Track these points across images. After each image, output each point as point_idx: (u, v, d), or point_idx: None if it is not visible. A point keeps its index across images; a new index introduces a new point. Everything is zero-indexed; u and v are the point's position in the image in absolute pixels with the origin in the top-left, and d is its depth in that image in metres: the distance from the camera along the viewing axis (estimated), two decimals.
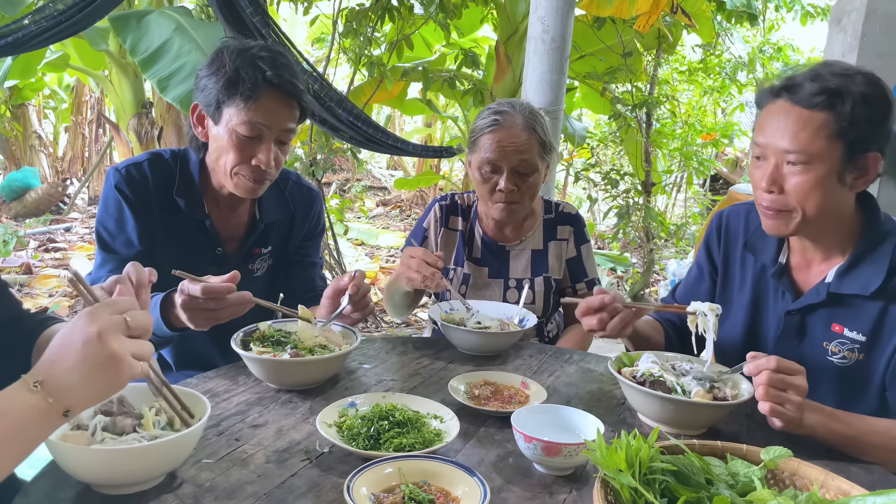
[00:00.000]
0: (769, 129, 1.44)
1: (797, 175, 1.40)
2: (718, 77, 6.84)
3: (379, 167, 12.58)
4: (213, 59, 1.64)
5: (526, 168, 1.99)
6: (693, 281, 1.83)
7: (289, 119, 1.66)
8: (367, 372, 1.61)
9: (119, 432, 1.08)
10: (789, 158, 1.40)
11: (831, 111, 1.36)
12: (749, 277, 1.66)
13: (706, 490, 0.97)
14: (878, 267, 1.44)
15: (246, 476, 1.12)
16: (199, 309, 1.42)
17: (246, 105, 1.58)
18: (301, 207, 1.96)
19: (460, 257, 2.18)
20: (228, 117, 1.61)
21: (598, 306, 1.52)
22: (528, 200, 2.05)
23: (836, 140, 1.37)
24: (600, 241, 8.21)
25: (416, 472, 1.08)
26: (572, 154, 7.18)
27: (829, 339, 1.50)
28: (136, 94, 5.68)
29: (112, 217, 1.71)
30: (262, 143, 1.63)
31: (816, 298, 1.50)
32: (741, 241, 1.69)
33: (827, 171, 1.39)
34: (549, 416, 1.28)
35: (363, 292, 1.67)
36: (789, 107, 1.40)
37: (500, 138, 1.97)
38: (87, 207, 8.94)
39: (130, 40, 4.29)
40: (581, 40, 5.08)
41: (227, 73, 1.58)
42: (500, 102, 2.06)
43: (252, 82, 1.57)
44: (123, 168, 1.72)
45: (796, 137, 1.38)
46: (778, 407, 1.24)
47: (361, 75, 5.19)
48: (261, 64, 1.58)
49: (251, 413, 1.34)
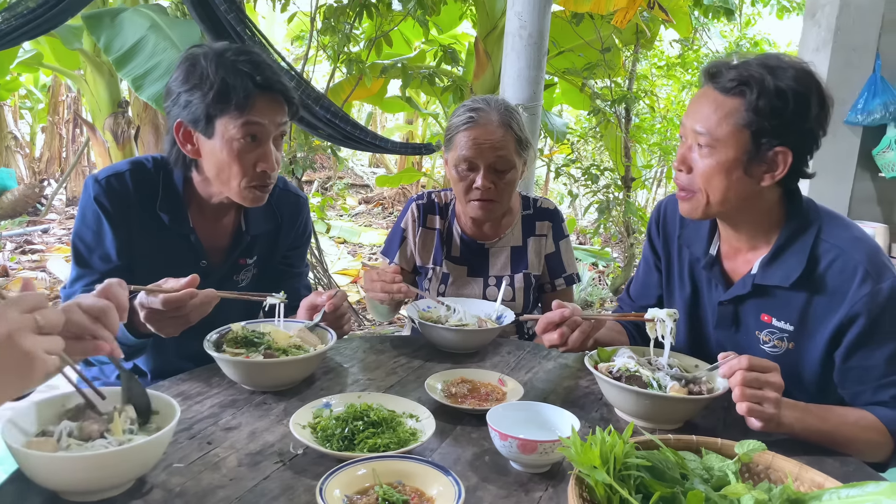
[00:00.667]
0: (690, 111, 1.47)
1: (703, 157, 1.43)
2: (696, 72, 6.88)
3: (361, 165, 12.54)
4: (188, 70, 1.55)
5: (503, 165, 1.97)
6: (643, 275, 1.84)
7: (282, 114, 1.62)
8: (344, 372, 1.60)
9: (85, 438, 1.05)
10: (699, 140, 1.42)
11: (742, 98, 1.37)
12: (686, 268, 1.67)
13: (681, 485, 0.97)
14: (798, 258, 1.43)
15: (217, 480, 1.10)
16: (166, 318, 1.38)
17: (241, 114, 1.53)
18: (287, 215, 1.89)
19: (439, 256, 2.16)
20: (224, 129, 1.54)
21: (558, 321, 1.52)
22: (505, 198, 2.04)
23: (743, 129, 1.37)
24: (582, 237, 8.24)
25: (390, 472, 1.07)
26: (553, 150, 7.19)
27: (759, 329, 1.51)
28: (112, 94, 5.60)
29: (90, 230, 1.63)
30: (261, 146, 1.58)
31: (744, 290, 1.51)
32: (678, 232, 1.69)
33: (731, 158, 1.39)
34: (526, 413, 1.27)
35: (340, 313, 1.65)
36: (709, 91, 1.43)
37: (476, 135, 1.95)
38: (64, 209, 8.83)
39: (104, 38, 4.23)
40: (559, 36, 5.09)
41: (215, 85, 1.51)
42: (476, 99, 2.04)
43: (244, 91, 1.51)
44: (103, 178, 1.64)
45: (707, 120, 1.40)
46: (756, 406, 1.23)
47: (341, 72, 5.16)
48: (245, 69, 1.52)
49: (224, 415, 1.32)
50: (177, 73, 1.58)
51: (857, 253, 1.40)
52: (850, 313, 1.38)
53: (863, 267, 1.38)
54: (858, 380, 1.42)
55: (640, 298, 1.83)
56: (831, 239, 1.43)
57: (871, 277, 1.37)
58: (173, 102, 1.58)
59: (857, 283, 1.38)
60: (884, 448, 1.37)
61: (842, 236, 1.43)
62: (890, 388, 1.39)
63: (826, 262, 1.42)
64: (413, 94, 7.33)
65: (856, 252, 1.40)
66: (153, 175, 1.69)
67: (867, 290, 1.36)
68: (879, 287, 1.36)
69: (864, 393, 1.42)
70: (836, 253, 1.41)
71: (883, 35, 3.57)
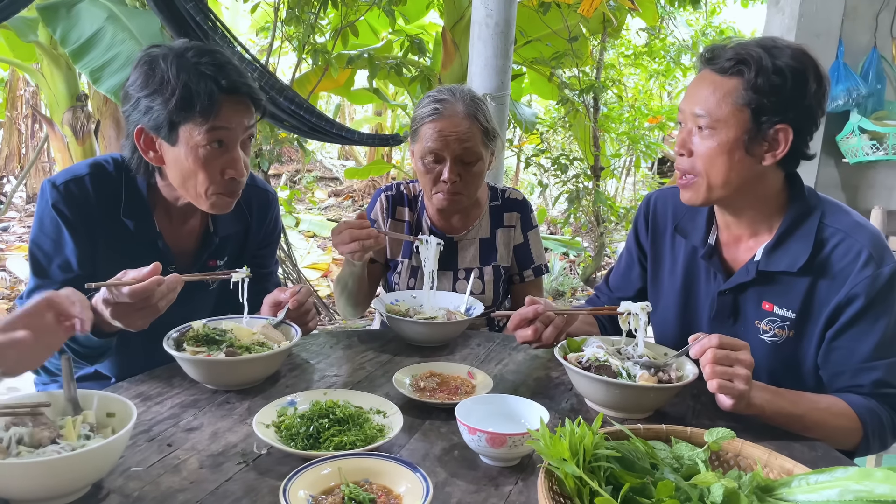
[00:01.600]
0: (688, 95, 1.47)
1: (704, 139, 1.42)
2: (663, 61, 6.93)
3: (330, 157, 12.43)
4: (147, 74, 1.46)
5: (469, 157, 1.94)
6: (625, 266, 1.83)
7: (248, 116, 1.54)
8: (310, 368, 1.56)
9: (35, 445, 1.01)
10: (699, 123, 1.42)
11: (741, 78, 1.37)
12: (680, 260, 1.66)
13: (651, 475, 0.96)
14: (804, 243, 1.44)
15: (177, 483, 1.06)
16: (134, 311, 1.32)
17: (206, 119, 1.45)
18: (257, 213, 1.82)
19: (407, 249, 2.13)
20: (188, 136, 1.46)
21: (531, 317, 1.52)
22: (472, 189, 2.01)
23: (743, 107, 1.38)
24: (552, 227, 8.26)
25: (356, 470, 1.04)
26: (522, 140, 7.19)
27: (760, 318, 1.51)
28: (70, 87, 5.44)
29: (48, 238, 1.54)
30: (228, 152, 1.51)
31: (746, 277, 1.50)
32: (670, 224, 1.68)
33: (732, 138, 1.39)
34: (495, 406, 1.25)
35: (305, 309, 1.61)
36: (707, 73, 1.43)
37: (442, 127, 1.91)
38: (24, 206, 8.61)
39: (60, 30, 4.10)
40: (527, 25, 5.07)
41: (177, 91, 1.42)
42: (441, 90, 2.00)
43: (208, 96, 1.43)
44: (62, 184, 1.54)
45: (706, 101, 1.40)
46: (726, 383, 1.23)
47: (307, 63, 5.09)
48: (207, 72, 1.44)
49: (185, 416, 1.28)
50: (134, 76, 1.49)
51: (860, 236, 1.41)
52: (849, 294, 1.40)
53: (867, 250, 1.39)
54: (842, 361, 1.43)
55: (618, 290, 1.83)
56: (835, 223, 1.45)
57: (873, 261, 1.39)
58: (133, 107, 1.49)
59: (859, 266, 1.39)
60: (853, 435, 1.37)
61: (844, 221, 1.45)
62: (871, 373, 1.40)
63: (830, 246, 1.43)
64: (381, 85, 7.26)
65: (859, 236, 1.42)
66: (115, 178, 1.60)
67: (869, 273, 1.38)
68: (881, 271, 1.38)
69: (843, 375, 1.43)
70: (841, 237, 1.43)
71: (845, 21, 3.61)
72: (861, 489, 0.88)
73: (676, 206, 1.68)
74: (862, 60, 3.64)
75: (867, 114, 3.59)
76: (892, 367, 1.41)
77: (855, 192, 3.86)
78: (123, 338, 1.51)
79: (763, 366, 1.48)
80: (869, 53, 3.63)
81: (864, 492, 0.88)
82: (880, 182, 3.82)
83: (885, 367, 1.40)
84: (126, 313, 1.32)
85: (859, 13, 3.60)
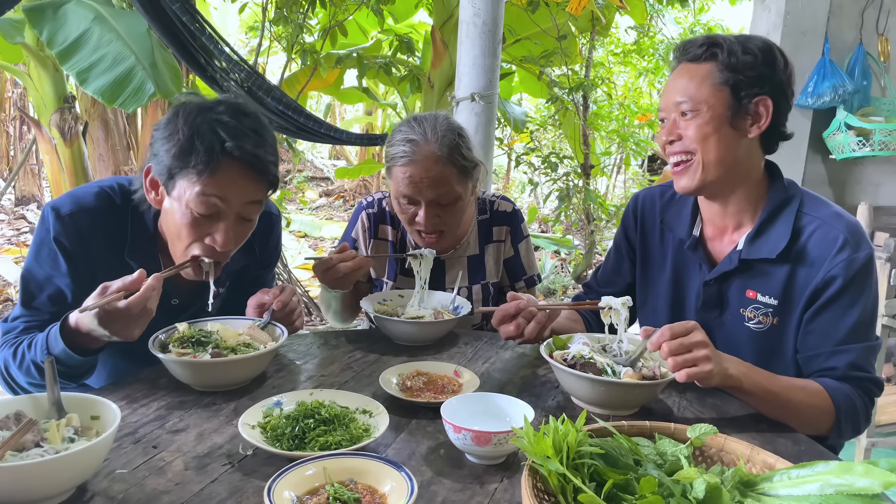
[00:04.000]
0: (666, 91, 1.54)
1: (689, 122, 1.48)
2: (652, 59, 6.94)
3: (321, 157, 12.41)
4: (170, 118, 1.42)
5: (446, 199, 1.83)
6: (613, 263, 1.85)
7: (254, 193, 1.45)
8: (297, 369, 1.56)
9: (19, 448, 1.01)
10: (682, 109, 1.48)
11: (714, 61, 1.46)
12: (669, 254, 1.69)
13: (634, 471, 0.96)
14: (782, 230, 1.48)
15: (162, 485, 1.06)
16: (132, 321, 1.29)
17: (200, 178, 1.37)
18: (260, 237, 1.74)
19: (392, 271, 2.05)
20: (181, 191, 1.40)
21: (514, 312, 1.54)
22: (452, 226, 1.92)
23: (721, 86, 1.45)
24: (543, 225, 8.27)
25: (342, 470, 1.04)
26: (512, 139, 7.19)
27: (744, 306, 1.54)
28: (57, 88, 5.40)
29: (43, 268, 1.48)
30: (219, 221, 1.43)
31: (729, 266, 1.53)
32: (658, 220, 1.72)
33: (716, 115, 1.45)
34: (481, 404, 1.25)
35: (289, 309, 1.58)
36: (682, 66, 1.51)
37: (413, 173, 1.79)
38: (13, 209, 8.56)
39: (47, 32, 4.08)
40: (516, 24, 5.07)
41: (180, 141, 1.37)
42: (412, 124, 1.84)
43: (207, 153, 1.36)
44: (67, 215, 1.47)
45: (685, 89, 1.47)
46: (692, 369, 1.24)
47: (296, 63, 5.08)
48: (220, 131, 1.37)
49: (171, 418, 1.28)
50: (164, 117, 1.45)
51: (837, 224, 1.45)
52: (826, 277, 1.43)
53: (843, 236, 1.43)
54: (817, 343, 1.45)
55: (605, 285, 1.84)
56: (813, 212, 1.49)
57: (849, 245, 1.42)
58: (151, 146, 1.46)
59: (836, 250, 1.43)
60: (826, 417, 1.39)
61: (823, 210, 1.49)
62: (845, 356, 1.42)
63: (808, 233, 1.47)
64: (371, 84, 7.26)
65: (836, 223, 1.46)
66: (121, 210, 1.55)
67: (845, 257, 1.41)
68: (857, 255, 1.42)
69: (818, 357, 1.45)
70: (818, 224, 1.47)
71: (831, 18, 3.63)
72: (842, 483, 0.89)
73: (664, 203, 1.72)
74: (848, 57, 3.66)
75: (853, 110, 3.61)
76: (867, 350, 1.44)
77: (842, 188, 3.88)
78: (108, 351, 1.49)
79: (750, 354, 1.50)
80: (855, 50, 3.65)
81: (844, 486, 0.88)
82: (867, 178, 3.85)
83: (858, 351, 1.42)
84: (124, 325, 1.29)
85: (845, 10, 3.62)
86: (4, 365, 1.45)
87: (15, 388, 1.46)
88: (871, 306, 1.45)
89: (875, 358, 1.47)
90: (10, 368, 1.44)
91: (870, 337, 1.45)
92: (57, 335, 1.33)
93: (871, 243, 1.46)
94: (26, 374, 1.41)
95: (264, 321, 1.54)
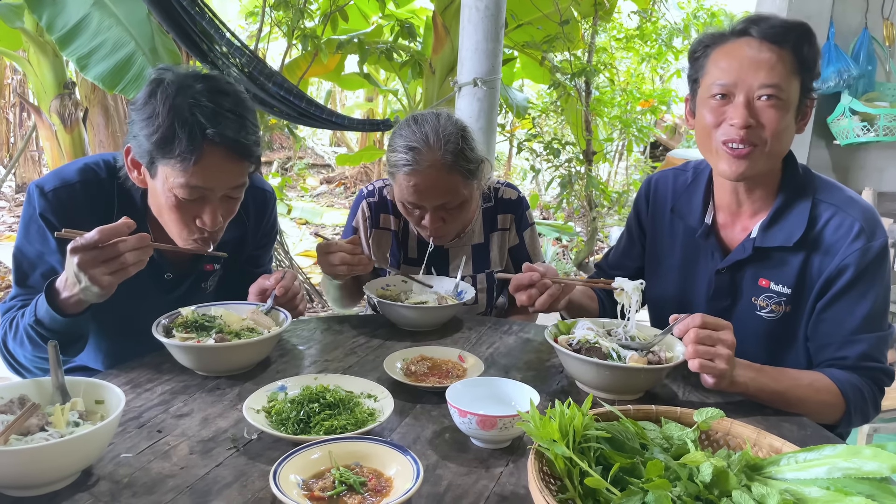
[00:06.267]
0: (737, 65, 1.41)
1: (771, 109, 1.39)
2: (655, 44, 6.89)
3: (322, 144, 12.36)
4: (145, 98, 1.38)
5: (451, 204, 1.81)
6: (624, 245, 1.84)
7: (237, 176, 1.44)
8: (300, 354, 1.56)
9: (24, 432, 1.01)
10: (764, 93, 1.38)
11: (794, 49, 1.39)
12: (678, 241, 1.67)
13: (641, 455, 0.96)
14: (798, 218, 1.46)
15: (168, 469, 1.06)
16: (100, 263, 1.25)
17: (184, 167, 1.35)
18: (255, 213, 1.76)
19: (395, 260, 2.03)
20: (165, 177, 1.39)
21: (527, 283, 1.54)
22: (458, 226, 1.91)
23: (796, 76, 1.40)
24: (545, 212, 8.26)
25: (347, 454, 1.04)
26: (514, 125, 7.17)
27: (756, 294, 1.52)
28: (57, 74, 5.38)
29: (33, 246, 1.48)
30: (205, 204, 1.42)
31: (743, 254, 1.51)
32: (669, 205, 1.69)
33: (792, 106, 1.41)
34: (485, 388, 1.25)
35: (291, 294, 1.58)
36: (758, 43, 1.40)
37: (417, 182, 1.75)
38: (14, 196, 8.55)
39: (46, 17, 4.05)
40: (518, 9, 5.03)
41: (161, 129, 1.34)
42: (413, 129, 1.78)
43: (189, 143, 1.33)
44: (50, 191, 1.46)
45: (773, 71, 1.38)
46: (708, 362, 1.24)
47: (296, 49, 5.05)
48: (200, 117, 1.34)
49: (175, 402, 1.28)
50: (140, 93, 1.41)
51: (853, 210, 1.43)
52: (840, 266, 1.41)
53: (858, 224, 1.41)
54: (829, 332, 1.44)
55: (616, 268, 1.84)
56: (828, 199, 1.47)
57: (864, 234, 1.41)
58: (130, 124, 1.43)
59: (851, 238, 1.41)
60: (836, 410, 1.39)
61: (837, 196, 1.47)
62: (857, 346, 1.41)
63: (823, 221, 1.45)
64: (372, 70, 7.22)
65: (852, 210, 1.44)
66: (107, 185, 1.53)
67: (859, 246, 1.40)
68: (871, 244, 1.40)
69: (829, 346, 1.44)
70: (833, 211, 1.45)
71: (836, 3, 3.60)
72: (849, 466, 0.88)
73: (675, 188, 1.69)
74: (853, 42, 3.64)
75: (858, 95, 3.59)
76: (879, 340, 1.42)
77: (846, 173, 3.86)
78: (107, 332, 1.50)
79: (760, 342, 1.50)
80: (860, 35, 3.63)
81: (852, 469, 0.88)
82: (871, 163, 3.83)
83: (871, 341, 1.41)
84: (91, 262, 1.25)
85: None
86: (3, 340, 1.46)
87: (14, 366, 1.48)
88: (884, 295, 1.43)
89: (887, 348, 1.45)
90: (7, 343, 1.45)
91: (882, 327, 1.44)
92: (42, 297, 1.34)
93: (885, 230, 1.44)
94: (20, 346, 1.42)
95: (267, 306, 1.54)
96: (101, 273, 1.26)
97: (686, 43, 6.81)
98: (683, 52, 7.08)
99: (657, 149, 9.70)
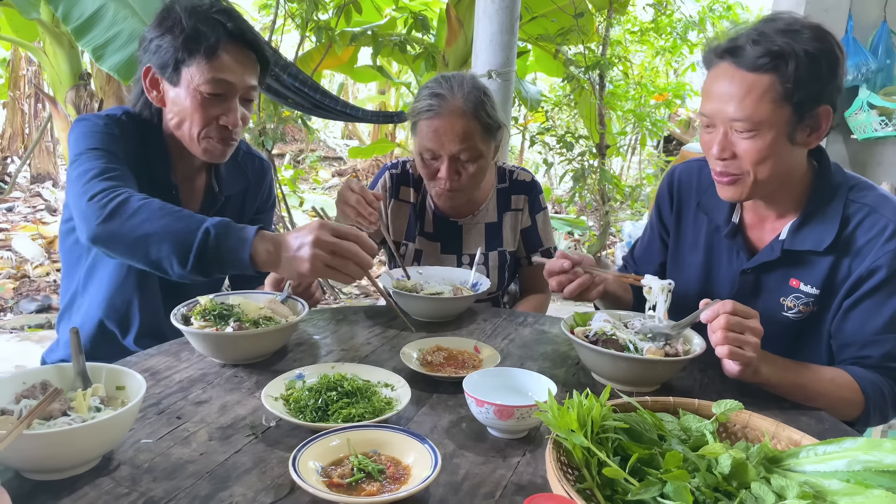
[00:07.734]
0: (714, 94, 1.37)
1: (746, 141, 1.35)
2: (670, 37, 6.85)
3: (333, 137, 12.37)
4: (162, 17, 1.56)
5: (468, 155, 1.84)
6: (648, 240, 1.83)
7: (252, 73, 1.61)
8: (317, 343, 1.57)
9: (46, 417, 1.02)
10: (736, 126, 1.35)
11: (776, 73, 1.30)
12: (702, 237, 1.65)
13: (659, 446, 0.96)
14: (830, 222, 1.43)
15: (187, 455, 1.07)
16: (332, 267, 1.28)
17: (209, 62, 1.52)
18: (254, 178, 1.88)
19: (412, 232, 2.07)
20: (189, 77, 1.53)
21: (558, 270, 1.55)
22: (472, 186, 1.93)
23: (783, 103, 1.31)
24: (558, 206, 8.24)
25: (365, 442, 1.05)
26: (527, 118, 7.15)
27: (785, 295, 1.49)
28: (73, 65, 5.41)
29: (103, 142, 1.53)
30: (227, 101, 1.57)
31: (771, 256, 1.49)
32: (694, 199, 1.66)
33: (776, 136, 1.34)
34: (502, 379, 1.25)
35: (306, 284, 1.62)
36: (733, 70, 1.34)
37: (438, 126, 1.81)
38: (29, 186, 8.61)
39: (62, 8, 4.07)
40: (532, 1, 5.02)
41: (186, 31, 1.51)
42: (440, 80, 1.88)
43: (214, 37, 1.51)
44: (94, 116, 1.59)
45: (742, 104, 1.32)
46: (737, 349, 1.23)
47: (310, 41, 5.05)
48: (218, 17, 1.54)
49: (194, 390, 1.29)
50: (152, 22, 1.58)
51: (885, 210, 1.41)
52: (871, 267, 1.39)
53: (893, 225, 1.39)
54: (854, 331, 1.42)
55: (641, 262, 1.83)
56: (860, 199, 1.44)
57: None
58: (144, 49, 1.58)
59: (884, 239, 1.39)
60: (855, 407, 1.38)
61: (870, 195, 1.44)
62: (881, 346, 1.39)
63: (855, 222, 1.42)
64: (385, 62, 7.21)
65: (884, 209, 1.41)
66: (130, 125, 1.65)
67: (892, 247, 1.38)
68: None
69: (853, 345, 1.43)
70: (866, 212, 1.42)
71: None
72: (870, 459, 0.88)
73: (700, 181, 1.66)
74: (871, 35, 3.59)
75: (876, 89, 3.55)
76: None
77: (863, 168, 3.83)
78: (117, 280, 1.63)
79: (783, 341, 1.48)
80: (879, 28, 3.58)
81: (872, 462, 0.88)
82: (888, 158, 3.79)
83: (895, 341, 1.40)
84: (329, 263, 1.28)
85: None
86: (137, 207, 1.35)
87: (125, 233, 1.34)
88: None
89: None
90: (143, 209, 1.34)
91: None
92: (246, 228, 1.31)
93: None
94: (162, 218, 1.32)
95: (284, 295, 1.55)
96: (323, 268, 1.28)
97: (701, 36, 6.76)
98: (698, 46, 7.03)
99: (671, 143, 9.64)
